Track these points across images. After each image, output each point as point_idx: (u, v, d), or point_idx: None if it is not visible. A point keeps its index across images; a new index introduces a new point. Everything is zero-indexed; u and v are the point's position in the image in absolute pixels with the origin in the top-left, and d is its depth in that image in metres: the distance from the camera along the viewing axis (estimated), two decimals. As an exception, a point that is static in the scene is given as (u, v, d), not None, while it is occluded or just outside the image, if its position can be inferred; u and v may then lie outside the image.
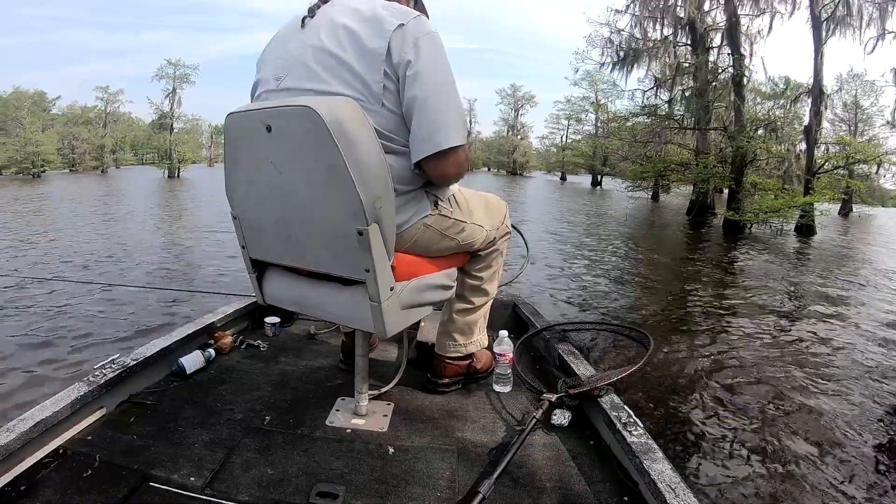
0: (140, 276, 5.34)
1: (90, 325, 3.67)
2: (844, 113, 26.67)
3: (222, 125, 1.05)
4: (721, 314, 4.63)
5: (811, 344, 3.87)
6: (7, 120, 33.21)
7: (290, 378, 1.47)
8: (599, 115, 37.89)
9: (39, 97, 38.16)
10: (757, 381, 3.05)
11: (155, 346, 1.41)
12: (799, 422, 2.54)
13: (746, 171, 12.26)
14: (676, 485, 0.89)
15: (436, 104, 0.95)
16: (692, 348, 3.65)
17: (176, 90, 35.46)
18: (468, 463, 1.08)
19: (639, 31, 14.23)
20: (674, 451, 2.22)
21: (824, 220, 12.36)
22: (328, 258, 1.00)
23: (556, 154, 47.20)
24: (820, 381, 3.08)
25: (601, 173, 36.31)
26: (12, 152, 31.11)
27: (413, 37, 0.94)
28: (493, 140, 54.39)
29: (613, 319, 4.41)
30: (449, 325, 1.37)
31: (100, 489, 0.93)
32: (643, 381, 2.90)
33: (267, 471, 1.02)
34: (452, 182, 1.11)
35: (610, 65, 14.90)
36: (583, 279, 6.03)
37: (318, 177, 0.91)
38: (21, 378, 2.78)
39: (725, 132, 12.93)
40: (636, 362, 1.33)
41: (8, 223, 9.12)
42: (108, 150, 39.67)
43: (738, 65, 12.38)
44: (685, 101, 13.93)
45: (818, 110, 11.98)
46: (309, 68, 0.98)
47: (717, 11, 13.17)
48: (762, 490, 1.98)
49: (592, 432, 1.21)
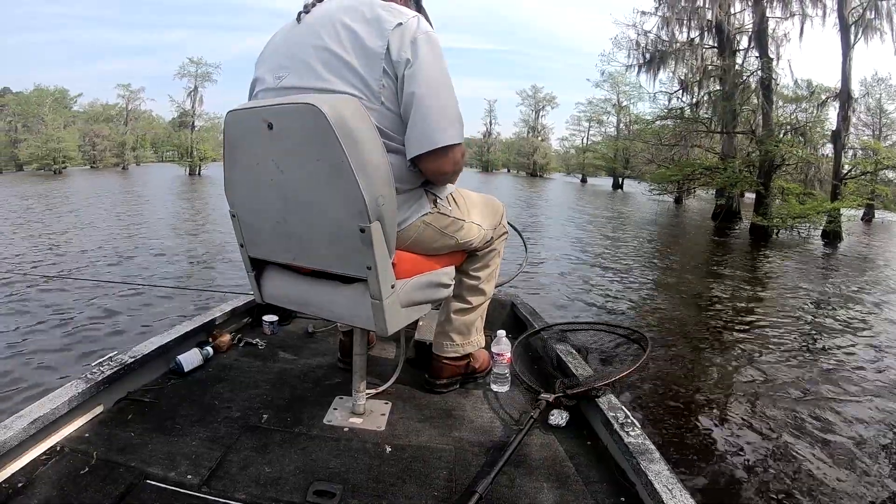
0: (141, 274, 5.34)
1: (89, 323, 3.67)
2: (868, 117, 26.50)
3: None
4: (737, 320, 4.58)
5: (826, 351, 3.80)
6: (29, 117, 33.90)
7: (287, 376, 1.47)
8: (621, 118, 37.71)
9: (61, 94, 38.39)
10: (760, 385, 3.05)
11: (153, 343, 1.40)
12: (799, 425, 2.54)
13: (774, 176, 12.19)
14: (673, 485, 0.90)
15: (432, 103, 0.96)
16: (696, 350, 3.67)
17: (198, 88, 35.53)
18: (465, 462, 1.08)
19: (665, 34, 14.18)
20: (671, 451, 2.23)
21: (848, 226, 12.26)
22: (329, 256, 1.00)
23: (575, 156, 46.79)
24: (829, 387, 3.04)
25: (622, 176, 36.01)
26: (34, 148, 31.81)
27: (411, 36, 0.95)
28: (513, 141, 53.78)
29: (624, 320, 4.40)
30: (446, 325, 1.38)
31: (97, 486, 0.93)
32: (641, 381, 2.91)
33: (264, 469, 1.02)
34: (450, 180, 1.12)
35: (636, 67, 14.85)
36: (608, 282, 5.98)
37: (321, 175, 0.91)
38: (18, 375, 2.77)
39: (753, 136, 12.83)
40: (634, 363, 1.34)
41: (23, 220, 9.11)
42: (129, 147, 40.03)
43: (766, 68, 12.28)
44: (712, 105, 13.84)
45: (846, 115, 11.79)
46: (310, 67, 0.98)
47: (743, 14, 13.15)
48: (760, 491, 1.98)
49: (590, 432, 1.21)
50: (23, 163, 32.96)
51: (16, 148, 32.97)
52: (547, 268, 6.68)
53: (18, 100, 35.63)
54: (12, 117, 34.83)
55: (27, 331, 3.46)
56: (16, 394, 2.53)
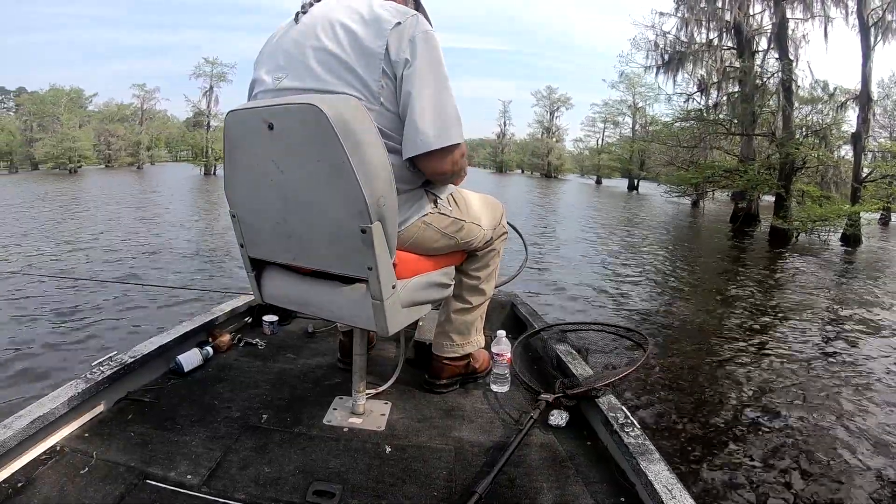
0: (141, 274, 5.34)
1: (88, 322, 3.67)
2: (885, 119, 26.35)
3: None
4: (751, 321, 4.53)
5: (839, 355, 3.73)
6: (44, 116, 34.23)
7: (287, 376, 1.47)
8: (637, 119, 37.55)
9: (76, 94, 38.65)
10: (764, 386, 3.04)
11: (153, 343, 1.40)
12: (802, 427, 2.54)
13: (794, 178, 12.11)
14: (673, 486, 0.90)
15: (430, 103, 0.96)
16: (701, 351, 3.65)
17: (213, 88, 35.63)
18: (465, 462, 1.08)
19: (684, 35, 14.11)
20: (671, 452, 2.23)
21: (867, 229, 12.10)
22: (330, 256, 1.00)
23: (590, 157, 46.48)
24: (838, 392, 3.01)
25: (638, 177, 35.77)
26: (49, 148, 32.16)
27: (409, 35, 0.95)
28: (528, 142, 53.43)
29: (638, 321, 4.40)
30: (446, 325, 1.38)
31: (97, 486, 0.93)
32: (642, 381, 2.90)
33: (264, 469, 1.02)
34: (449, 180, 1.12)
35: (654, 68, 14.78)
36: (628, 284, 5.95)
37: (322, 175, 0.91)
38: (18, 375, 2.77)
39: (773, 138, 12.71)
40: (634, 364, 1.34)
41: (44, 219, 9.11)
42: (144, 146, 40.25)
43: (786, 69, 12.17)
44: (731, 106, 13.74)
45: (866, 117, 11.65)
46: (309, 68, 0.98)
47: (762, 15, 13.04)
48: (760, 491, 1.98)
49: (590, 433, 1.21)
50: (38, 162, 33.40)
51: (31, 147, 33.35)
52: (565, 269, 6.68)
53: (34, 99, 36.02)
54: (28, 116, 35.21)
55: (27, 330, 3.46)
56: (15, 393, 2.53)
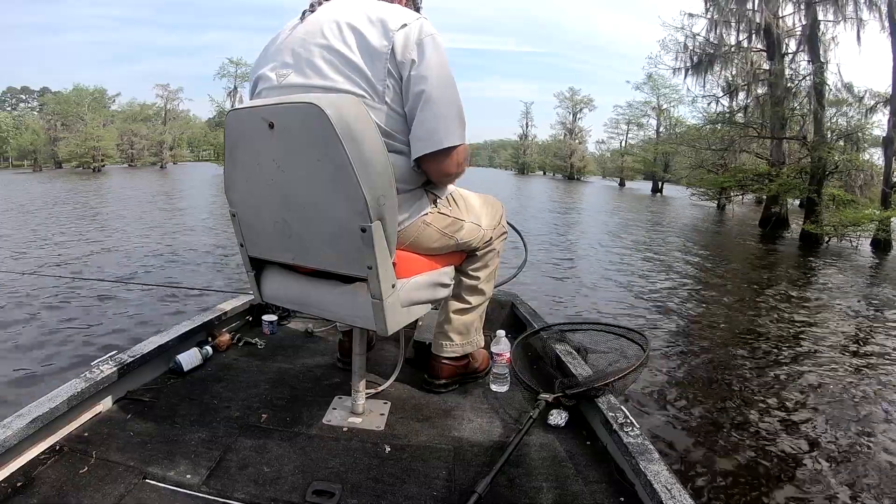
0: (141, 274, 5.33)
1: (88, 322, 3.66)
2: None
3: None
4: (770, 326, 4.44)
5: (855, 363, 3.64)
6: (68, 116, 34.67)
7: (287, 376, 1.47)
8: (661, 121, 37.36)
9: (100, 94, 39.12)
10: (766, 387, 3.02)
11: (152, 343, 1.40)
12: (804, 429, 2.53)
13: (826, 183, 12.02)
14: (672, 486, 0.90)
15: (437, 104, 0.97)
16: (704, 351, 3.64)
17: (237, 88, 35.93)
18: (465, 462, 1.08)
19: (713, 36, 13.96)
20: (670, 452, 2.23)
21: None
22: (330, 256, 1.00)
23: (612, 159, 46.20)
24: (848, 397, 2.96)
25: (662, 180, 35.46)
26: (73, 147, 32.60)
27: (417, 37, 0.96)
28: (550, 144, 53.15)
29: (662, 321, 4.36)
30: (446, 325, 1.38)
31: (96, 486, 0.93)
32: (642, 381, 2.90)
33: (263, 469, 1.02)
34: (452, 180, 1.13)
35: (683, 70, 14.65)
36: (663, 288, 5.87)
37: (322, 174, 0.91)
38: (17, 374, 2.77)
39: (805, 142, 12.59)
40: (633, 364, 1.34)
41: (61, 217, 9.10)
42: (167, 146, 40.54)
43: (818, 73, 11.97)
44: (761, 109, 13.61)
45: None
46: (314, 65, 0.99)
47: (793, 17, 12.88)
48: (759, 492, 1.98)
49: (589, 433, 1.21)
50: (62, 160, 33.80)
51: (55, 146, 33.73)
52: (595, 271, 6.65)
53: (57, 99, 36.42)
54: (52, 116, 35.61)
55: (27, 329, 3.45)
56: (15, 393, 2.53)
